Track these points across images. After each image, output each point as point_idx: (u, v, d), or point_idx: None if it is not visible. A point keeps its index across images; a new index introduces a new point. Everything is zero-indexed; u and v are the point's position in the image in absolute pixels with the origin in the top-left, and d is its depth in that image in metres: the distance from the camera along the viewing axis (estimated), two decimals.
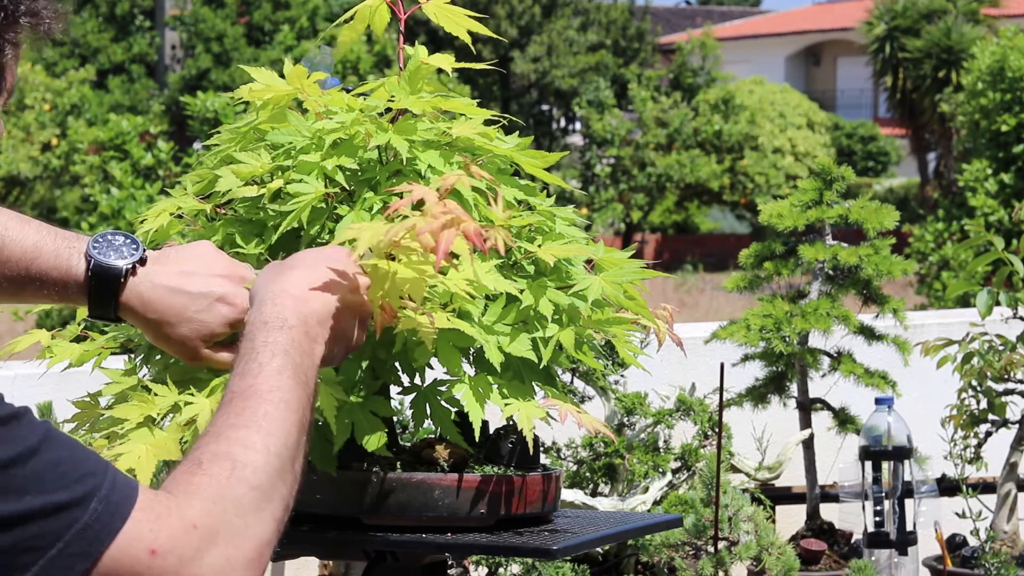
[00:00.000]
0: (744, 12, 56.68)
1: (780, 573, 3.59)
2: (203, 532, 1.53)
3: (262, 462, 1.59)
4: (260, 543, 1.58)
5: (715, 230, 36.23)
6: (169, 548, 1.52)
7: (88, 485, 1.50)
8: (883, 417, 3.90)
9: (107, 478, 1.52)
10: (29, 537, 1.46)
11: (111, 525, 1.50)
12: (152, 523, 1.52)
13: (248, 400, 1.63)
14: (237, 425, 1.60)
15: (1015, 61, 15.96)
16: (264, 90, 2.06)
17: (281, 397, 1.64)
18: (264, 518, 1.58)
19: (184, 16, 33.83)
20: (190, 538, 1.53)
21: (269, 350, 1.68)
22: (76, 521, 1.49)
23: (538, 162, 2.10)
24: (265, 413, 1.62)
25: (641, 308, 2.06)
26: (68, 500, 1.48)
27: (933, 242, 16.61)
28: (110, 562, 1.50)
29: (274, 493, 1.59)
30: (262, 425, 1.61)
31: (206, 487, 1.56)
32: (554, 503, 2.07)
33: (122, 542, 1.50)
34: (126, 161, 15.50)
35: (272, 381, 1.65)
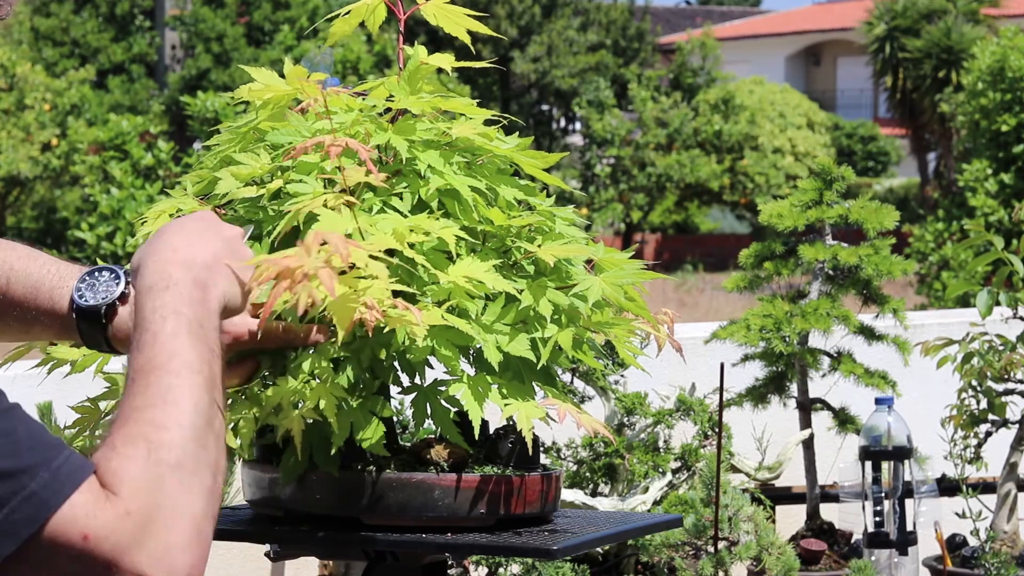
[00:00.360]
0: (744, 12, 56.69)
1: (780, 573, 3.59)
2: (136, 519, 1.54)
3: (177, 438, 1.58)
4: (195, 520, 1.58)
5: (715, 230, 36.24)
6: (104, 535, 1.53)
7: (40, 456, 1.52)
8: (883, 417, 3.90)
9: (62, 454, 1.54)
10: None
11: (60, 493, 1.52)
12: (90, 507, 1.53)
13: (149, 376, 1.62)
14: (143, 406, 1.60)
15: (1015, 61, 15.96)
16: (264, 90, 2.06)
17: (181, 363, 1.63)
18: (192, 494, 1.58)
19: (184, 16, 33.83)
20: (125, 525, 1.54)
21: (159, 315, 1.66)
22: (24, 487, 1.51)
23: (538, 162, 2.10)
24: (168, 385, 1.61)
25: (641, 310, 2.06)
26: (16, 468, 1.51)
27: (933, 242, 16.62)
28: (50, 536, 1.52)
29: (197, 466, 1.59)
30: (167, 399, 1.60)
31: (127, 470, 1.56)
32: (554, 503, 2.07)
33: (61, 520, 1.52)
34: (126, 161, 15.51)
35: (168, 348, 1.64)
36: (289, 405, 1.89)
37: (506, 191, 2.05)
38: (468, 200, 1.99)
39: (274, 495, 2.00)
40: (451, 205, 2.00)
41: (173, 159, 15.62)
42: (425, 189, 1.99)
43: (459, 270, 1.93)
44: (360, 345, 1.93)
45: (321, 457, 1.96)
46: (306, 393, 1.89)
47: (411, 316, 1.80)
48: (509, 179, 2.07)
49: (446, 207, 2.00)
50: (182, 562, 1.55)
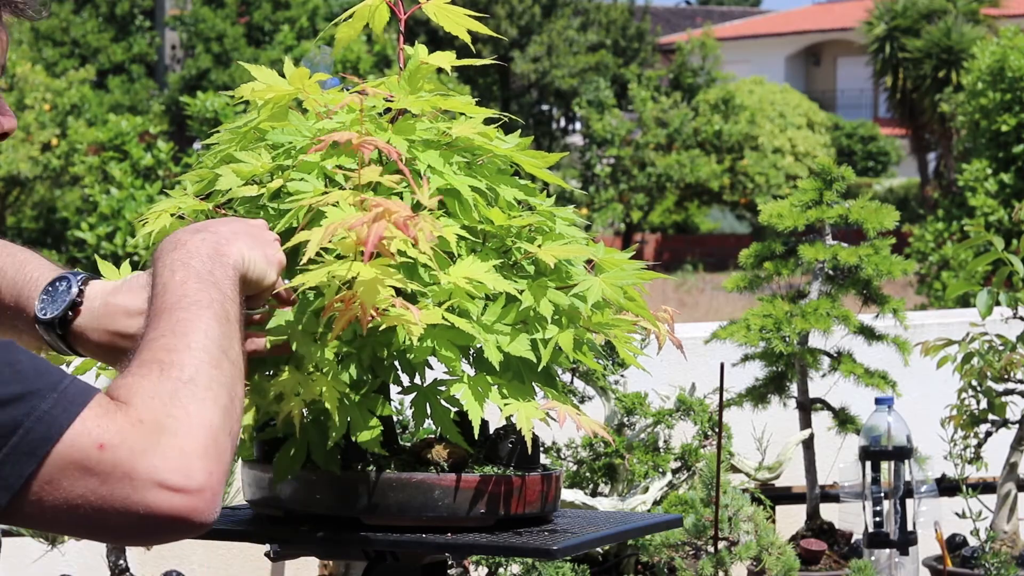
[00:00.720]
0: (744, 12, 56.69)
1: (780, 573, 3.59)
2: (149, 426, 1.56)
3: (188, 358, 1.62)
4: (211, 429, 1.59)
5: (715, 230, 36.24)
6: (118, 442, 1.54)
7: (46, 380, 1.55)
8: (883, 417, 3.90)
9: (66, 377, 1.57)
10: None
11: (70, 411, 1.54)
12: (99, 419, 1.55)
13: (160, 316, 1.67)
14: (155, 338, 1.64)
15: (1015, 61, 15.96)
16: (265, 90, 2.06)
17: (190, 301, 1.68)
18: (207, 406, 1.60)
19: (184, 16, 33.83)
20: (138, 431, 1.55)
21: (168, 269, 1.72)
22: (35, 409, 1.53)
23: (538, 162, 2.10)
24: (178, 319, 1.66)
25: (642, 310, 2.06)
26: (25, 391, 1.53)
27: (933, 242, 16.62)
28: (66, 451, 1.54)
29: (211, 382, 1.61)
30: (177, 329, 1.65)
31: (140, 385, 1.59)
32: (554, 503, 2.07)
33: (74, 434, 1.54)
34: (126, 161, 15.51)
35: (177, 292, 1.69)
36: (291, 394, 1.89)
37: (506, 191, 2.05)
38: (468, 200, 1.99)
39: (274, 495, 2.00)
40: (451, 205, 2.00)
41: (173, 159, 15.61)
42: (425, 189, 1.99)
43: (460, 270, 1.93)
44: (362, 343, 1.93)
45: (320, 455, 1.96)
46: (308, 383, 1.90)
47: (409, 315, 1.80)
48: (509, 179, 2.07)
49: (446, 207, 2.00)
50: (198, 467, 1.56)
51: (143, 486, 1.54)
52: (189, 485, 1.55)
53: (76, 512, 1.55)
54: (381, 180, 1.93)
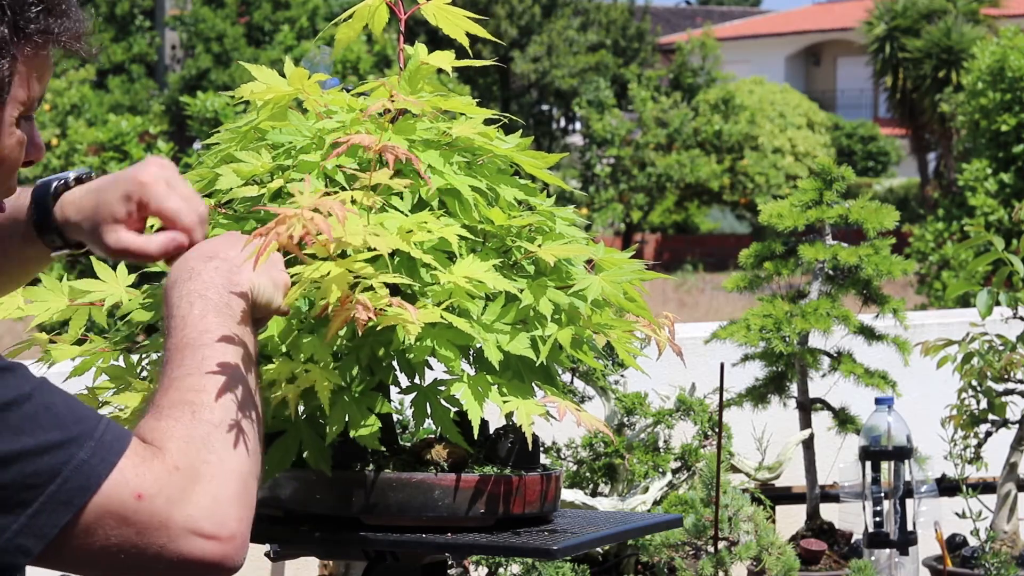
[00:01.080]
0: (744, 12, 56.69)
1: (780, 573, 3.59)
2: (185, 473, 1.58)
3: (217, 400, 1.63)
4: (241, 476, 1.61)
5: (715, 230, 36.24)
6: (156, 491, 1.56)
7: (83, 427, 1.55)
8: (883, 417, 3.90)
9: (102, 422, 1.57)
10: (29, 474, 1.52)
11: (108, 460, 1.55)
12: (137, 467, 1.56)
13: (184, 351, 1.67)
14: (181, 376, 1.65)
15: (1015, 61, 15.96)
16: (265, 90, 2.06)
17: (212, 337, 1.68)
18: (238, 451, 1.62)
19: (184, 16, 33.82)
20: (174, 480, 1.57)
21: (186, 301, 1.71)
22: (73, 457, 1.54)
23: (538, 162, 2.10)
24: (203, 357, 1.66)
25: (642, 310, 2.06)
26: (64, 439, 1.54)
27: (933, 242, 16.62)
28: (103, 501, 1.55)
29: (240, 425, 1.64)
30: (203, 368, 1.65)
31: (174, 430, 1.60)
32: (554, 503, 2.07)
33: (110, 484, 1.55)
34: (126, 162, 15.49)
35: (198, 326, 1.69)
36: (283, 381, 1.89)
37: (506, 191, 2.05)
38: (469, 200, 1.99)
39: (274, 495, 2.00)
40: (452, 204, 2.00)
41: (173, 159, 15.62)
42: (425, 189, 1.99)
43: (460, 270, 1.93)
44: (360, 342, 1.93)
45: (312, 454, 1.96)
46: (303, 373, 1.89)
47: (407, 315, 1.80)
48: (509, 179, 2.08)
49: (447, 206, 2.00)
50: (231, 515, 1.59)
51: (178, 535, 1.56)
52: (222, 533, 1.58)
53: (109, 558, 1.56)
54: (390, 183, 1.93)
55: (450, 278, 1.91)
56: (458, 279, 1.91)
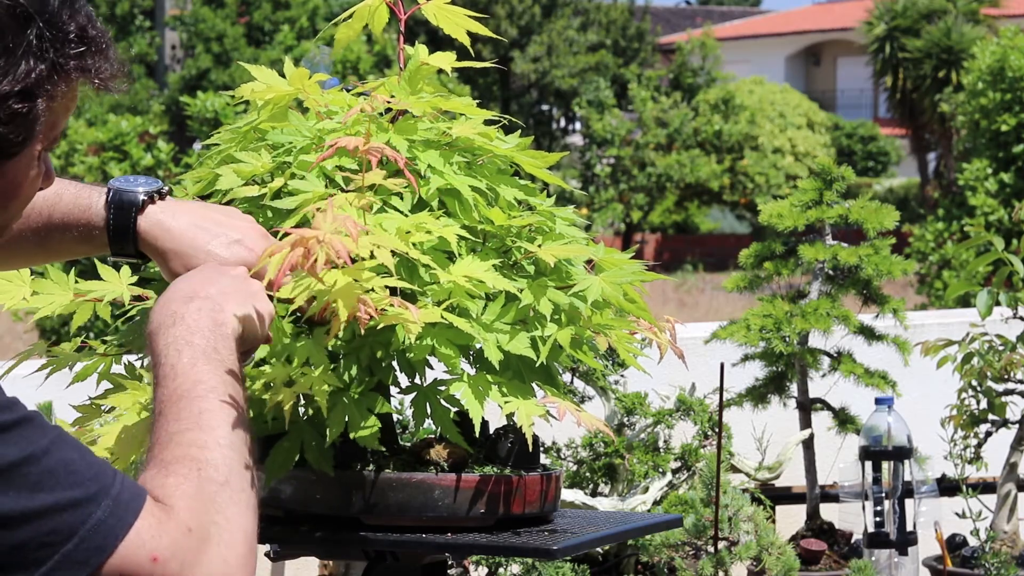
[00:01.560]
0: (744, 12, 56.68)
1: (780, 573, 3.59)
2: (197, 534, 1.57)
3: (219, 457, 1.62)
4: (247, 535, 1.61)
5: (715, 230, 36.24)
6: (171, 555, 1.55)
7: (100, 484, 1.53)
8: (883, 417, 3.90)
9: (117, 478, 1.55)
10: (45, 532, 1.50)
11: (125, 520, 1.53)
12: (154, 529, 1.55)
13: (179, 404, 1.65)
14: (181, 430, 1.63)
15: (1015, 61, 15.96)
16: (265, 90, 2.06)
17: (206, 388, 1.66)
18: (243, 509, 1.61)
19: (184, 16, 33.82)
20: (188, 542, 1.56)
21: (173, 348, 1.70)
22: (90, 516, 1.52)
23: (538, 162, 2.10)
24: (200, 411, 1.65)
25: (642, 311, 2.05)
26: (82, 496, 1.52)
27: (933, 242, 16.62)
28: (119, 562, 1.53)
29: (242, 482, 1.63)
30: (202, 423, 1.64)
31: (182, 487, 1.59)
32: (554, 503, 2.07)
33: (127, 546, 1.53)
34: (125, 162, 15.49)
35: (190, 376, 1.67)
36: (280, 384, 1.89)
37: (506, 191, 2.05)
38: (469, 200, 1.99)
39: (274, 495, 2.00)
40: (452, 204, 2.00)
41: (173, 159, 15.61)
42: (425, 189, 1.99)
43: (459, 269, 1.93)
44: (359, 343, 1.93)
45: (314, 455, 1.96)
46: (299, 377, 1.89)
47: (407, 314, 1.80)
48: (509, 179, 2.07)
49: (447, 207, 2.00)
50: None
51: None
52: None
53: None
54: (384, 183, 1.93)
55: (450, 277, 1.91)
56: (458, 278, 1.91)
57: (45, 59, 1.60)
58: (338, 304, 1.78)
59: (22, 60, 1.59)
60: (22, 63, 1.59)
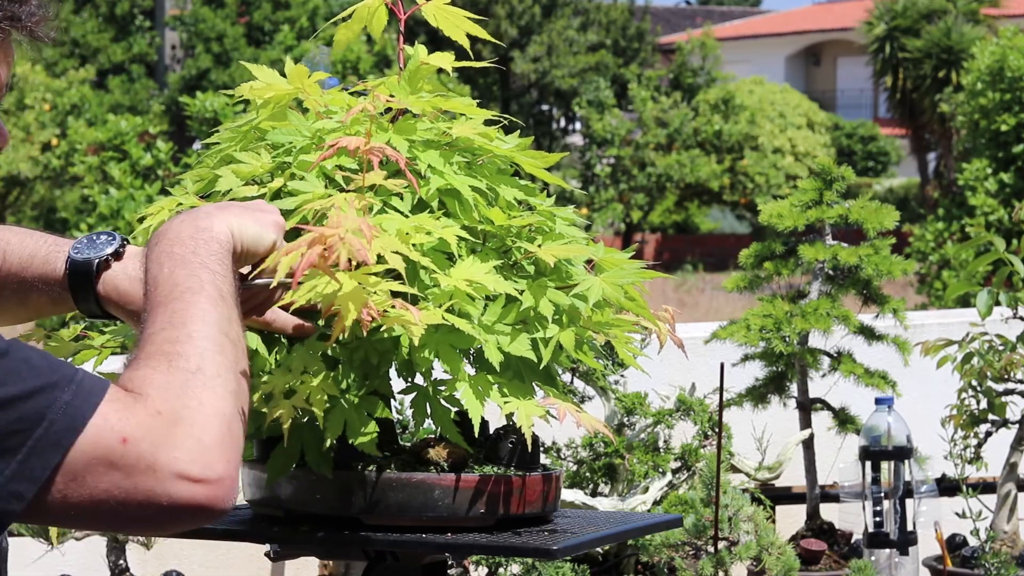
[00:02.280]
0: (744, 12, 56.69)
1: (780, 573, 3.59)
2: (167, 417, 1.58)
3: (191, 348, 1.64)
4: (224, 418, 1.61)
5: (715, 230, 36.24)
6: (140, 435, 1.57)
7: (61, 373, 1.57)
8: (883, 417, 3.90)
9: (78, 371, 1.59)
10: (14, 420, 1.53)
11: (90, 401, 1.56)
12: (119, 412, 1.57)
13: (156, 310, 1.68)
14: (154, 331, 1.66)
15: (1015, 61, 15.96)
16: (265, 89, 2.06)
17: (183, 290, 1.69)
18: (218, 394, 1.62)
19: (184, 16, 33.82)
20: (157, 423, 1.58)
21: (156, 263, 1.73)
22: (56, 400, 1.55)
23: (538, 162, 2.10)
24: (174, 311, 1.67)
25: (642, 310, 2.05)
26: (45, 383, 1.55)
27: (933, 242, 16.62)
28: (89, 443, 1.55)
29: (218, 368, 1.64)
30: (175, 320, 1.66)
31: (151, 377, 1.61)
32: (554, 503, 2.07)
33: (94, 427, 1.56)
34: (125, 161, 15.49)
35: (167, 283, 1.70)
36: (280, 394, 1.89)
37: (506, 191, 2.05)
38: (469, 200, 1.99)
39: (274, 495, 2.00)
40: (452, 205, 2.00)
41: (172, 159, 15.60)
42: (425, 189, 1.99)
43: (460, 272, 1.93)
44: (356, 345, 1.93)
45: (314, 457, 1.96)
46: (298, 385, 1.89)
47: (409, 315, 1.80)
48: (509, 179, 2.07)
49: (447, 207, 2.00)
50: (217, 457, 1.59)
51: (165, 478, 1.56)
52: (209, 475, 1.58)
53: (99, 505, 1.57)
54: (384, 184, 1.93)
55: (450, 281, 1.91)
56: (458, 282, 1.91)
57: None
58: (345, 307, 1.79)
59: None
60: None
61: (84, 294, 1.93)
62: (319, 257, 1.77)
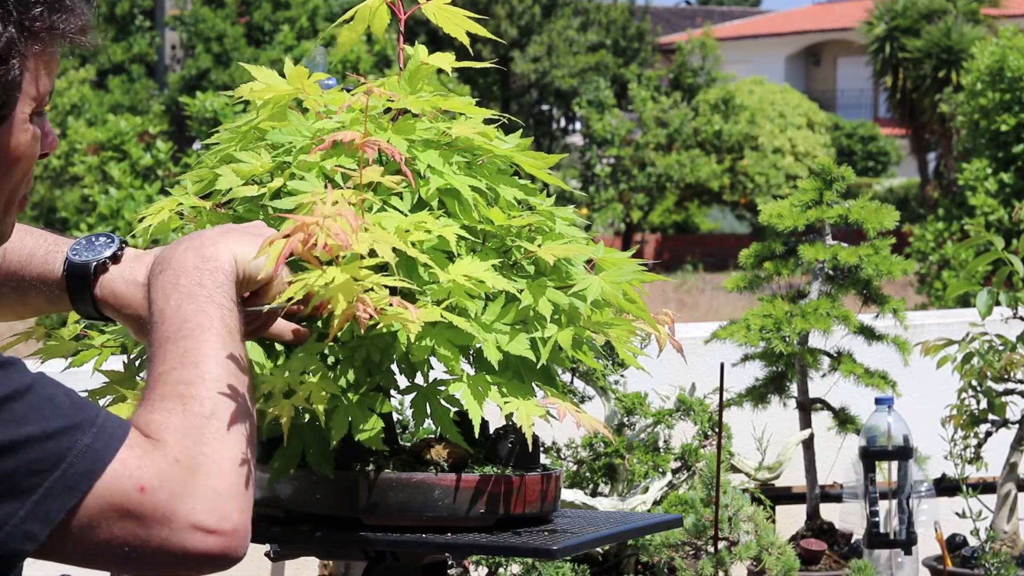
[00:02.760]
0: (744, 12, 56.69)
1: (780, 573, 3.59)
2: (185, 465, 1.58)
3: (205, 392, 1.64)
4: (237, 465, 1.62)
5: (715, 230, 36.24)
6: (158, 484, 1.57)
7: (84, 414, 1.57)
8: (883, 417, 3.90)
9: (101, 412, 1.59)
10: (33, 460, 1.53)
11: (110, 446, 1.56)
12: (139, 458, 1.57)
13: (166, 346, 1.68)
14: (166, 370, 1.65)
15: (1014, 61, 15.96)
16: (264, 91, 2.06)
17: (192, 326, 1.68)
18: (232, 440, 1.63)
19: (184, 16, 33.82)
20: (176, 472, 1.58)
21: (162, 294, 1.72)
22: (76, 443, 1.55)
23: (538, 162, 2.10)
24: (185, 349, 1.67)
25: (641, 311, 2.05)
26: (66, 425, 1.55)
27: (933, 242, 16.62)
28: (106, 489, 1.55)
29: (230, 414, 1.64)
30: (187, 360, 1.66)
31: (168, 422, 1.60)
32: (554, 503, 2.07)
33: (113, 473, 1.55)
34: (124, 161, 15.48)
35: (176, 318, 1.69)
36: (280, 393, 1.89)
37: (506, 191, 2.05)
38: (468, 200, 1.99)
39: (274, 495, 2.00)
40: (451, 204, 2.00)
41: (172, 159, 15.60)
42: (425, 188, 1.99)
43: (459, 269, 1.93)
44: (356, 343, 1.93)
45: (315, 457, 1.95)
46: (298, 385, 1.89)
47: (407, 314, 1.80)
48: (509, 179, 2.07)
49: (446, 206, 2.00)
50: (232, 507, 1.60)
51: (181, 529, 1.57)
52: (224, 527, 1.59)
53: (111, 550, 1.57)
54: (382, 180, 1.92)
55: (449, 277, 1.91)
56: (457, 278, 1.91)
57: (10, 21, 1.63)
58: (335, 301, 1.78)
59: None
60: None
61: (81, 296, 1.92)
62: (300, 244, 1.76)
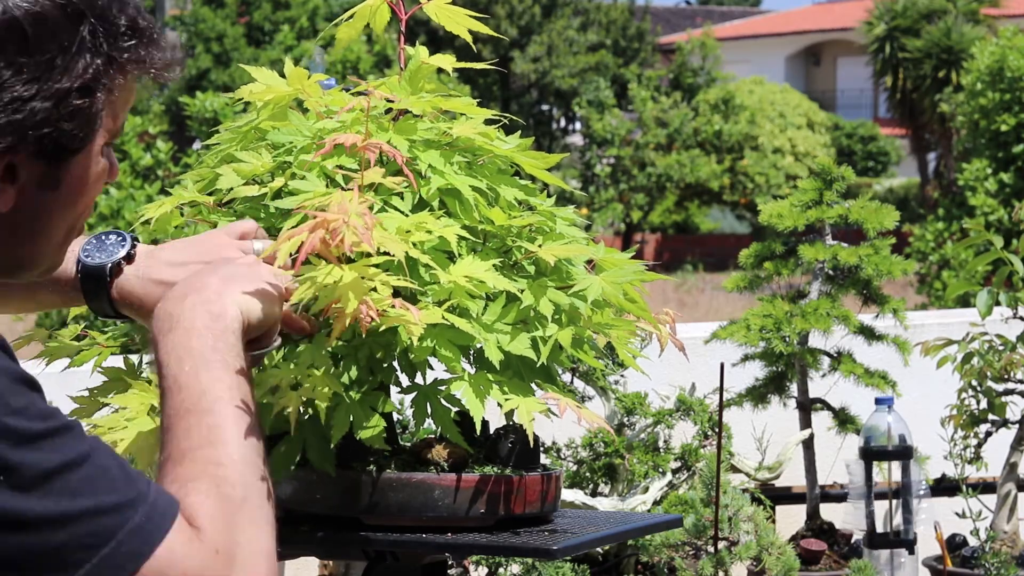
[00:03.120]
0: (744, 12, 56.71)
1: (780, 573, 3.59)
2: (223, 558, 1.58)
3: (235, 475, 1.62)
4: (268, 555, 1.62)
5: (715, 230, 36.24)
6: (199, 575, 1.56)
7: (137, 490, 1.55)
8: (883, 417, 3.90)
9: (152, 486, 1.57)
10: (84, 535, 1.51)
11: (161, 527, 1.54)
12: (186, 546, 1.56)
13: (188, 419, 1.65)
14: (194, 447, 1.63)
15: (1014, 61, 15.97)
16: (264, 92, 2.06)
17: (213, 398, 1.66)
18: (263, 528, 1.62)
19: (184, 16, 33.83)
20: (216, 564, 1.57)
21: (173, 357, 1.69)
22: (128, 521, 1.53)
23: (538, 162, 2.10)
24: (209, 426, 1.64)
25: (642, 311, 2.05)
26: (120, 501, 1.53)
27: (933, 242, 16.63)
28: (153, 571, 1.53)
29: (260, 499, 1.63)
30: (213, 439, 1.64)
31: (204, 507, 1.59)
32: (554, 503, 2.07)
33: (160, 558, 1.54)
34: (124, 161, 15.48)
35: (194, 388, 1.67)
36: (287, 386, 1.88)
37: (507, 191, 2.05)
38: (469, 200, 1.99)
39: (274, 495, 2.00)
40: (452, 204, 2.00)
41: (172, 159, 15.61)
42: (426, 188, 1.99)
43: (460, 269, 1.93)
44: (359, 342, 1.93)
45: (316, 455, 1.95)
46: (304, 379, 1.89)
47: (409, 315, 1.80)
48: (510, 179, 2.07)
49: (447, 207, 2.00)
50: None
51: None
52: None
53: None
54: (383, 181, 1.93)
55: (450, 277, 1.91)
56: (458, 278, 1.91)
57: (100, 53, 1.62)
58: (346, 300, 1.78)
59: (78, 57, 1.61)
60: (79, 60, 1.61)
61: (96, 297, 1.92)
62: (321, 243, 1.75)
